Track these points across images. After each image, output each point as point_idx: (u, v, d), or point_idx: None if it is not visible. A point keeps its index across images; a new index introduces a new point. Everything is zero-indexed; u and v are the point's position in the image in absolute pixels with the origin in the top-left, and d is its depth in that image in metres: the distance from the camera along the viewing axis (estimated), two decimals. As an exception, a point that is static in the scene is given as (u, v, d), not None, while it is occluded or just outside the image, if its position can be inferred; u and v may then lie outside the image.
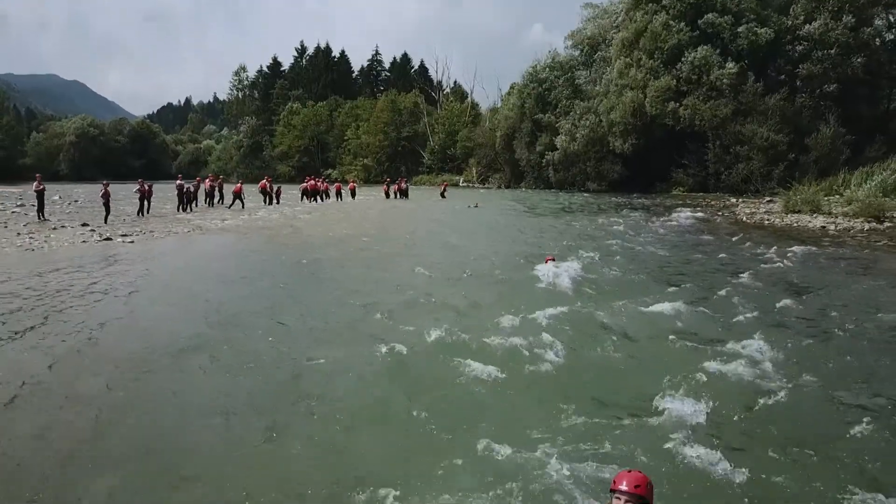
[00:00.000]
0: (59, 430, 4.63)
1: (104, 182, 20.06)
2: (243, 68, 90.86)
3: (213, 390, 5.46)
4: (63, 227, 17.36)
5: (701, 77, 33.92)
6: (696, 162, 34.95)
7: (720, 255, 13.24)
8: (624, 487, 2.89)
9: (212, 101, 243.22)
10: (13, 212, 21.82)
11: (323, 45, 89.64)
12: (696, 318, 7.71)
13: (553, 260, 10.99)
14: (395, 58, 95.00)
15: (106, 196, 18.93)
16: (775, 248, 13.83)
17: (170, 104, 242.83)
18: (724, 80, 33.15)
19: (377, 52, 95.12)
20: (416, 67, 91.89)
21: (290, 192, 36.62)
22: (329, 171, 71.15)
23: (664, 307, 8.02)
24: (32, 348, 6.49)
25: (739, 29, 33.95)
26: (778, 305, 8.40)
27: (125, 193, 30.59)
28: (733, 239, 16.05)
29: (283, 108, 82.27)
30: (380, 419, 4.93)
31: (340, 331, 7.41)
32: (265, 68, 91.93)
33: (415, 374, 5.82)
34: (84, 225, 17.69)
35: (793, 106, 33.40)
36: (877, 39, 33.98)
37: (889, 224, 17.98)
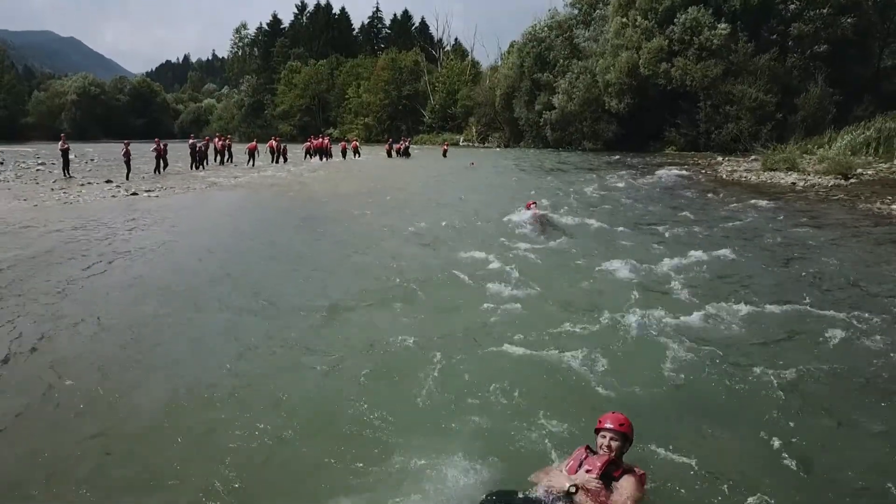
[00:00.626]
0: (120, 326, 6.25)
1: (125, 141, 21.48)
2: (244, 26, 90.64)
3: (230, 308, 7.08)
4: (89, 183, 18.91)
5: (692, 38, 34.76)
6: (687, 121, 36.08)
7: (687, 207, 14.75)
8: (609, 425, 3.24)
9: (210, 58, 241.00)
10: (37, 169, 23.31)
11: (323, 3, 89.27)
12: (634, 257, 9.27)
13: (535, 204, 12.47)
14: (395, 14, 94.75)
15: (127, 154, 20.42)
16: (740, 202, 15.35)
17: (168, 62, 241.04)
18: (715, 41, 34.02)
19: (378, 9, 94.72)
20: (417, 24, 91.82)
21: (293, 151, 37.93)
22: (330, 129, 72.00)
23: (613, 245, 9.60)
24: (98, 278, 8.12)
25: (733, -11, 34.64)
26: (716, 253, 9.94)
27: (139, 152, 31.91)
28: (708, 195, 17.50)
29: (284, 67, 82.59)
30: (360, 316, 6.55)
31: (348, 269, 9.02)
32: (265, 26, 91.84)
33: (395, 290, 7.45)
34: (108, 181, 19.24)
35: (783, 66, 34.34)
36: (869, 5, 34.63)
37: (854, 181, 19.38)
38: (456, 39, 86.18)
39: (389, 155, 38.39)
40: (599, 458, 3.15)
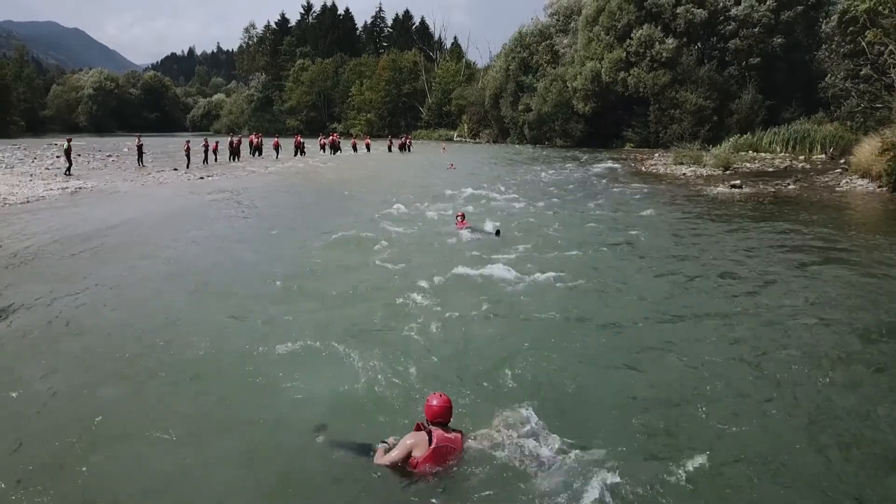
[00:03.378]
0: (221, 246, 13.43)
1: (187, 140, 28.85)
2: (252, 25, 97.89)
3: (282, 244, 14.24)
4: (162, 170, 26.20)
5: (646, 51, 41.87)
6: (641, 122, 43.26)
7: (585, 186, 21.89)
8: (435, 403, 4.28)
9: (215, 51, 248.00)
10: (112, 161, 30.56)
11: (329, 4, 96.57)
12: (522, 217, 16.40)
13: (462, 217, 13.70)
14: (397, 14, 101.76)
15: (188, 149, 27.80)
16: (625, 184, 22.55)
17: (174, 54, 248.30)
18: (664, 54, 41.14)
19: (380, 10, 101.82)
20: (417, 24, 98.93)
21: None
22: (335, 124, 79.24)
23: (510, 206, 16.81)
24: (199, 231, 15.34)
25: (679, 10, 41.67)
26: (591, 216, 17.08)
27: (173, 147, 39.26)
28: (613, 180, 24.63)
29: (292, 64, 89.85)
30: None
31: (353, 221, 16.23)
32: (273, 24, 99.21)
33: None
34: (175, 169, 26.54)
35: (721, 76, 41.44)
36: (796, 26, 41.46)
37: (731, 172, 26.50)
38: (455, 37, 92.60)
39: (390, 150, 45.62)
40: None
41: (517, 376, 5.53)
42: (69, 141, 25.45)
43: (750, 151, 34.08)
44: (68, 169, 24.20)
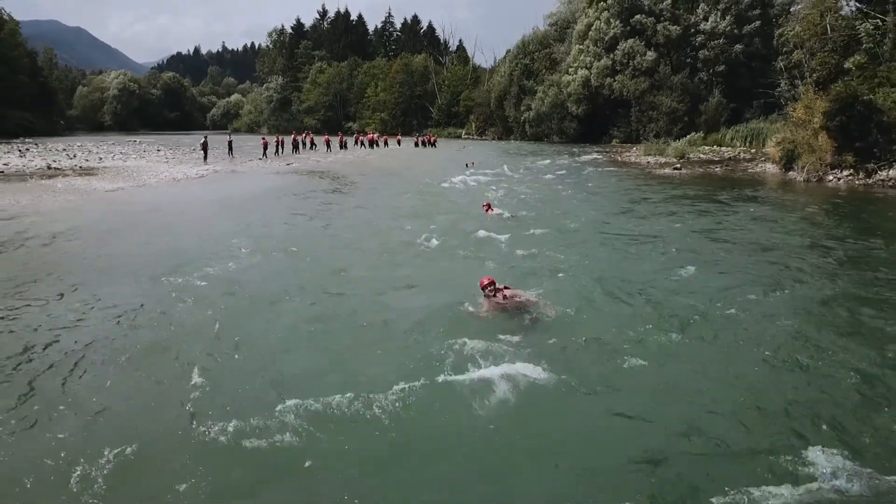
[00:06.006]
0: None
1: (263, 137, 37.67)
2: (276, 31, 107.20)
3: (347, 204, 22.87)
4: (249, 160, 34.79)
5: (629, 61, 50.63)
6: (625, 122, 52.05)
7: (574, 173, 30.46)
8: (486, 282, 7.45)
9: (220, 50, 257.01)
10: (199, 154, 39.24)
11: (343, 10, 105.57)
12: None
13: (489, 206, 16.52)
14: (405, 19, 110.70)
15: (265, 144, 36.63)
16: (600, 167, 31.19)
17: (179, 53, 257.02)
18: (644, 64, 49.90)
19: (390, 14, 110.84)
20: (425, 28, 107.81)
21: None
22: (350, 123, 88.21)
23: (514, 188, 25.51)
24: (295, 197, 24.03)
25: (658, 27, 50.43)
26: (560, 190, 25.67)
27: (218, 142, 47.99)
28: (599, 167, 33.15)
29: (308, 67, 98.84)
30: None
31: (392, 194, 24.89)
32: (289, 29, 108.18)
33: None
34: (260, 158, 35.19)
35: (692, 82, 50.16)
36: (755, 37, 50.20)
37: (684, 160, 35.10)
38: (461, 40, 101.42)
39: (416, 145, 54.31)
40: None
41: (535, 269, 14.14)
42: (206, 137, 36.00)
43: (714, 146, 42.91)
44: (204, 157, 33.77)
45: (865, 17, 26.59)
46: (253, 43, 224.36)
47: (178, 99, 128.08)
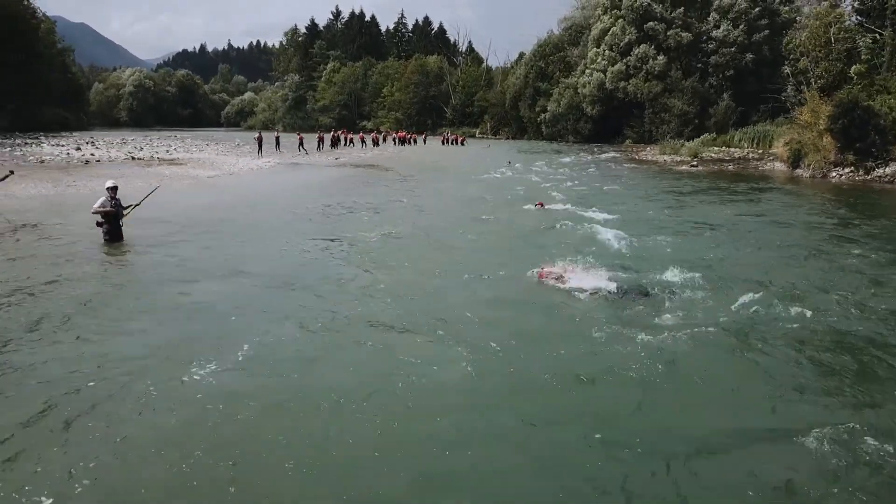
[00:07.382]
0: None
1: (299, 134, 40.83)
2: (294, 31, 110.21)
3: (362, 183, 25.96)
4: (297, 154, 37.84)
5: (642, 65, 53.83)
6: (638, 123, 55.24)
7: (597, 166, 33.56)
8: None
9: (226, 48, 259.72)
10: (249, 149, 42.31)
11: (357, 11, 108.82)
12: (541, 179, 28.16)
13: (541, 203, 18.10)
14: (417, 20, 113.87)
15: (301, 140, 39.82)
16: (621, 164, 34.34)
17: (185, 51, 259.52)
18: (657, 68, 53.10)
19: (402, 16, 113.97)
20: (436, 29, 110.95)
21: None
22: (364, 122, 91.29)
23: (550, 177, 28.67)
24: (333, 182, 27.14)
25: (669, 33, 53.63)
26: (585, 177, 28.80)
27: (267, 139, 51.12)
28: (622, 164, 36.26)
29: (322, 67, 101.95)
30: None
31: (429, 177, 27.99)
32: (304, 29, 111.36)
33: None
34: (305, 153, 38.29)
35: (703, 86, 53.35)
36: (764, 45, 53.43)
37: (698, 159, 38.23)
38: (470, 42, 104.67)
39: (443, 143, 57.31)
40: None
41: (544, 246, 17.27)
42: (260, 132, 40.34)
43: (723, 147, 46.14)
44: (259, 151, 36.70)
45: (865, 31, 29.83)
46: (258, 41, 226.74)
47: (191, 96, 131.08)
